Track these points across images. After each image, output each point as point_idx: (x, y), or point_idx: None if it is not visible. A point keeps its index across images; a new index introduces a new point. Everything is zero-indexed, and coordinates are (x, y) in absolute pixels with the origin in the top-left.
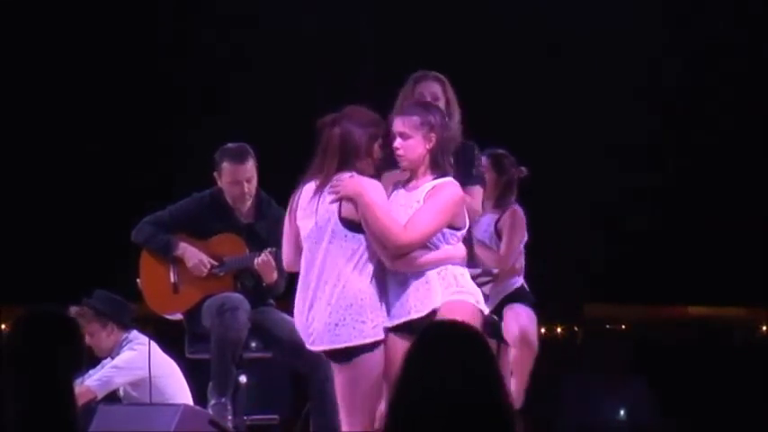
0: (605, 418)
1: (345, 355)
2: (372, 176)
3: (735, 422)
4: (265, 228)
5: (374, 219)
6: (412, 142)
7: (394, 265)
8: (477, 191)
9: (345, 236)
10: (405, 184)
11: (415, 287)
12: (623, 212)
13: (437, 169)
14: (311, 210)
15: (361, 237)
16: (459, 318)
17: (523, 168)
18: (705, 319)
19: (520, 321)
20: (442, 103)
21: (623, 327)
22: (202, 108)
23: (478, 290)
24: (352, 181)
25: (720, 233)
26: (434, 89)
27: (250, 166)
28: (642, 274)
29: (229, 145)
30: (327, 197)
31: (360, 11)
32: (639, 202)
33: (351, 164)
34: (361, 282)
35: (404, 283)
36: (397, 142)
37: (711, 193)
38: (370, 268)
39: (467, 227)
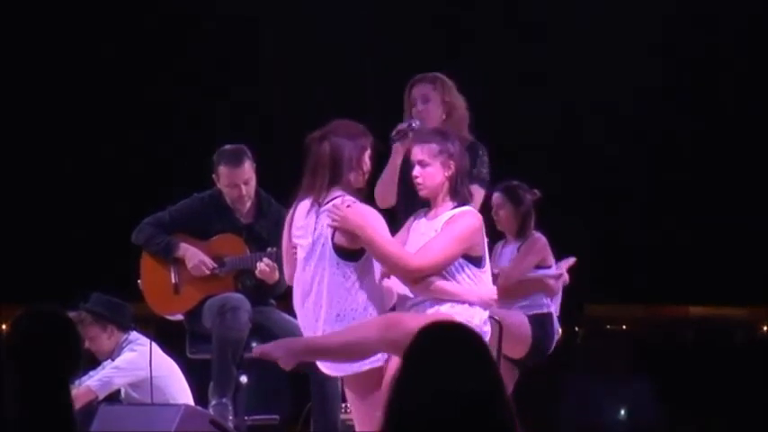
0: (605, 418)
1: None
2: (362, 189)
3: (735, 422)
4: (266, 227)
5: (381, 251)
6: (431, 170)
7: (413, 289)
8: (476, 189)
9: (337, 263)
10: (426, 213)
11: (421, 310)
12: (623, 211)
13: (456, 197)
14: (306, 229)
15: (353, 264)
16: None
17: (536, 191)
18: (705, 319)
19: (523, 319)
20: (435, 104)
21: (624, 327)
22: (202, 108)
23: (488, 332)
24: (351, 212)
25: (721, 232)
26: (425, 91)
27: (247, 169)
28: (642, 274)
29: (226, 147)
30: (323, 217)
31: (360, 8)
32: (639, 202)
33: (342, 178)
34: (356, 303)
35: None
36: (416, 170)
37: (712, 191)
38: (363, 294)
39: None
